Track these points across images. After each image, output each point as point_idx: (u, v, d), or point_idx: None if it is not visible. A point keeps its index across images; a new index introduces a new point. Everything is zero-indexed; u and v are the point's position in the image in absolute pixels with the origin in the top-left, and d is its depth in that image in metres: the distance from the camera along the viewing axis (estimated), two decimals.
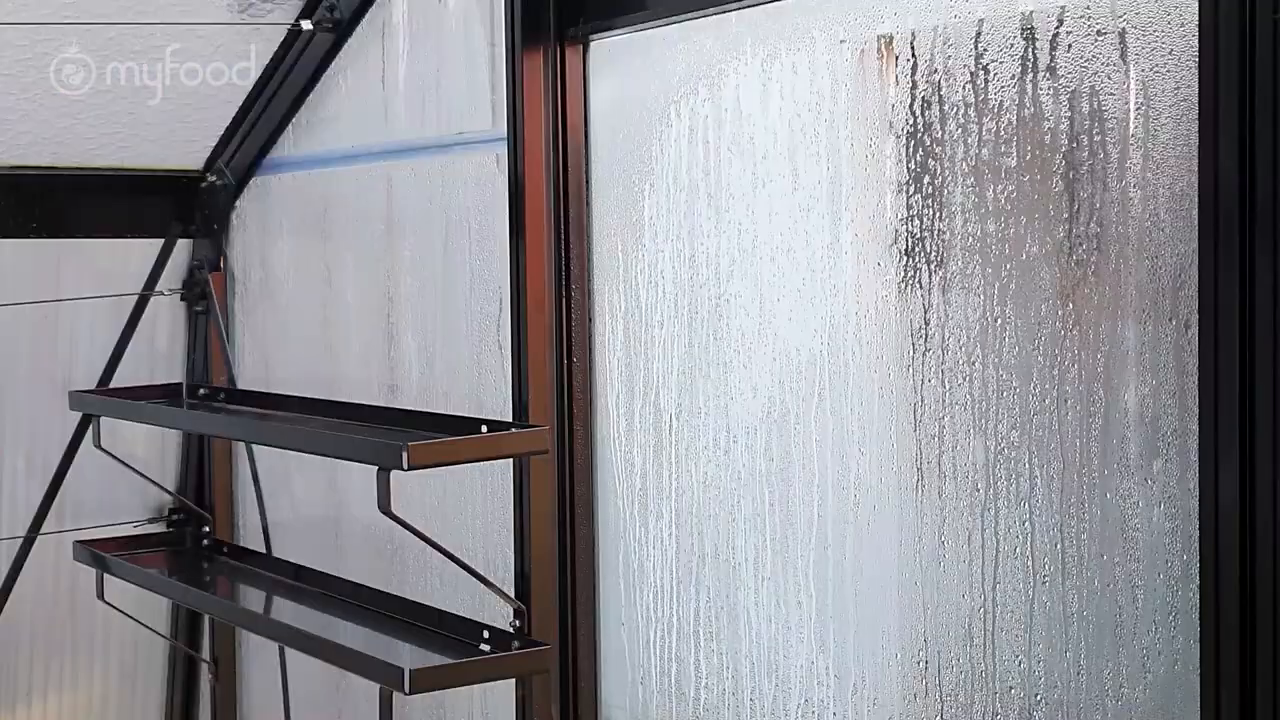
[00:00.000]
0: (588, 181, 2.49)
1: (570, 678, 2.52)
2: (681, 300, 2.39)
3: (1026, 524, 1.90)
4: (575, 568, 2.52)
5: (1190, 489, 1.69)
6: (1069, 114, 1.81)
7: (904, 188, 2.03)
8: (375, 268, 3.02)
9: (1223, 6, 1.58)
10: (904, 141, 2.02)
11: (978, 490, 1.95)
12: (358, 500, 3.10)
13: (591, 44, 2.46)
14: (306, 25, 2.96)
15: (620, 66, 2.45)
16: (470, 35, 2.68)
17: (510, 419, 2.51)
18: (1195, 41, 1.63)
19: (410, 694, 2.32)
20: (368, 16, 2.92)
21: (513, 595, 2.49)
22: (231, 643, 3.58)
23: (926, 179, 2.00)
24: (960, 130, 1.95)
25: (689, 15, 2.28)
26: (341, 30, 2.96)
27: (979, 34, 1.91)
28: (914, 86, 2.00)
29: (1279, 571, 1.56)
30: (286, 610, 2.92)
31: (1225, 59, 1.58)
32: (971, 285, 1.95)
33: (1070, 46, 1.80)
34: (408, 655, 2.47)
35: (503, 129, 2.51)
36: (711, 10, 2.24)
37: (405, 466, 2.24)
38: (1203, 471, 1.63)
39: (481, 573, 2.50)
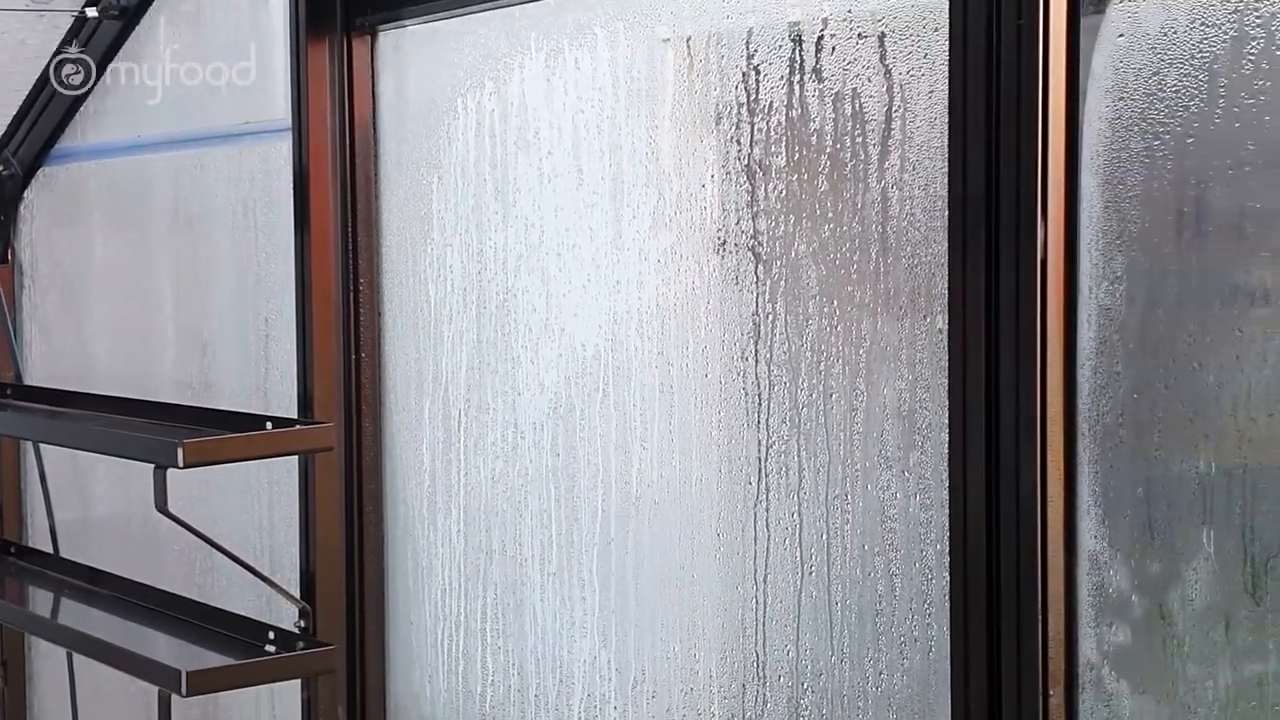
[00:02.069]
0: (376, 174, 2.47)
1: (358, 677, 2.49)
2: (470, 295, 2.38)
3: (795, 516, 1.93)
4: (364, 566, 2.50)
5: (942, 480, 1.73)
6: (833, 115, 1.85)
7: (682, 185, 2.05)
8: (165, 260, 2.96)
9: (971, 12, 1.63)
10: (682, 139, 2.04)
11: (750, 484, 1.98)
12: (149, 499, 3.02)
13: (379, 35, 2.44)
14: (92, 12, 2.88)
15: (408, 58, 2.43)
16: (257, 23, 2.64)
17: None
18: (947, 46, 1.68)
19: (187, 696, 2.28)
20: (156, 3, 2.85)
21: (299, 595, 2.46)
22: (21, 646, 3.47)
23: (704, 176, 2.02)
24: (734, 130, 1.97)
25: (474, 8, 2.27)
26: (129, 17, 2.89)
27: (750, 36, 1.93)
28: (691, 85, 2.02)
29: (1021, 559, 1.61)
30: (72, 613, 2.85)
31: (973, 63, 1.63)
32: (744, 282, 1.98)
33: (834, 49, 1.84)
34: (186, 657, 2.42)
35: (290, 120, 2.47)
36: (496, 4, 2.24)
37: (180, 464, 2.20)
38: (952, 463, 1.67)
39: (269, 573, 2.47)
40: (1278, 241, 1.43)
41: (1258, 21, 1.42)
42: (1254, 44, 1.43)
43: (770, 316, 1.95)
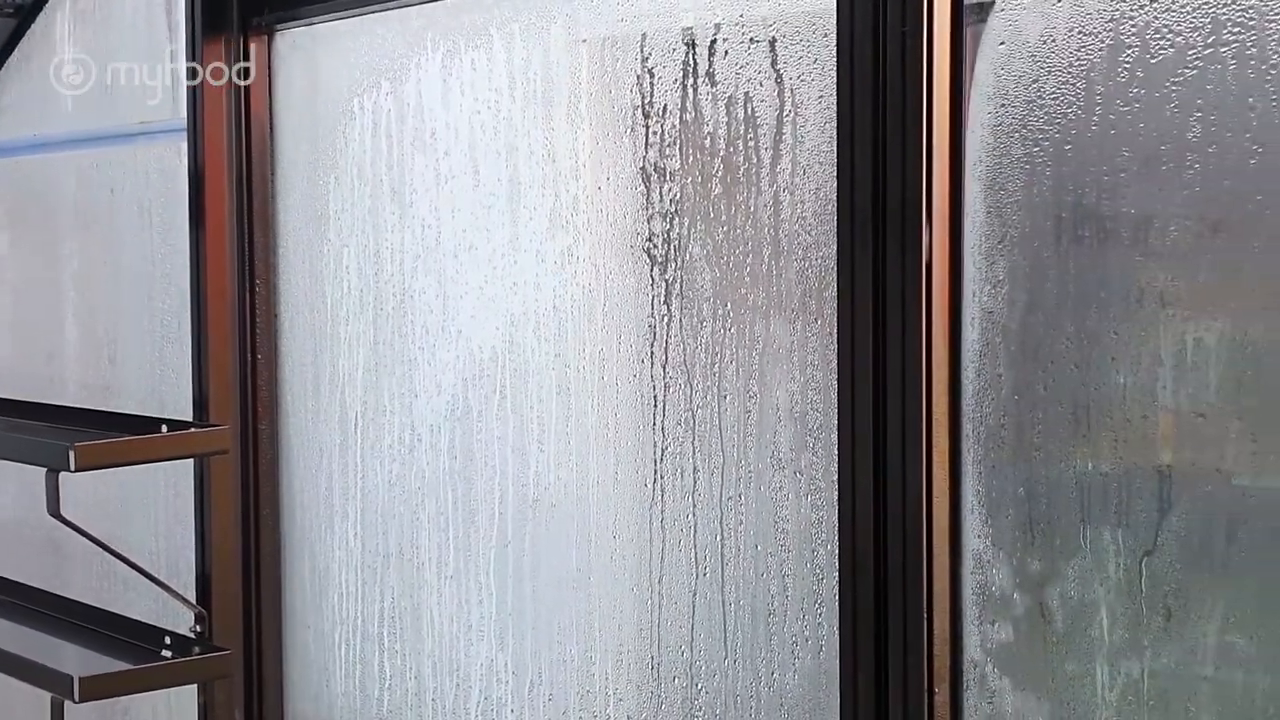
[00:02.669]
0: (273, 174, 2.45)
1: (255, 682, 2.47)
2: (367, 296, 2.36)
3: (690, 517, 1.94)
4: (260, 570, 2.47)
5: (834, 481, 1.75)
6: (726, 119, 1.86)
7: (578, 187, 2.05)
8: (60, 261, 2.91)
9: (858, 19, 1.64)
10: (578, 141, 2.05)
11: (646, 486, 1.99)
12: (44, 502, 2.97)
13: (276, 34, 2.42)
14: None
15: (305, 58, 2.41)
16: (154, 22, 2.61)
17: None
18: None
19: (80, 702, 2.24)
20: (52, 1, 2.81)
21: (195, 599, 2.43)
22: None
23: (600, 179, 2.02)
24: (629, 132, 1.98)
25: (371, 8, 2.26)
26: (24, 15, 2.84)
27: (644, 40, 1.94)
28: (587, 88, 2.02)
29: (907, 559, 1.63)
30: None
31: (859, 69, 1.64)
32: (640, 284, 1.98)
33: (726, 54, 1.85)
34: (80, 662, 2.38)
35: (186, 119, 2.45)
36: (393, 5, 2.23)
37: (72, 468, 2.17)
38: (841, 463, 1.69)
39: (168, 577, 2.43)
40: (1151, 246, 1.46)
41: (1132, 31, 1.45)
42: (1129, 53, 1.46)
43: (666, 319, 1.96)
